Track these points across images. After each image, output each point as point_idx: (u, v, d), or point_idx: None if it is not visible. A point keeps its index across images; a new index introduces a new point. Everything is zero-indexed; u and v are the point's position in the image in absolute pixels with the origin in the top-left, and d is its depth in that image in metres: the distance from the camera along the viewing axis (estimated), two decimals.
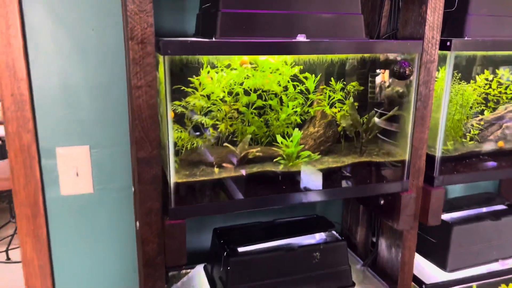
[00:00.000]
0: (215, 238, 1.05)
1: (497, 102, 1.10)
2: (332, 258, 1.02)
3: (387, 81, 0.98)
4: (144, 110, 0.75)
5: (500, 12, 1.00)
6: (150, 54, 0.73)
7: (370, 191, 0.94)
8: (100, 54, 0.98)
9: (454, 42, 0.91)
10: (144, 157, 0.77)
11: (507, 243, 1.17)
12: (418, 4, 0.90)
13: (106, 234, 1.09)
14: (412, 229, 1.00)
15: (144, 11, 0.71)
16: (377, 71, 1.00)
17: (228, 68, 0.87)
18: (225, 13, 0.78)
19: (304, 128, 0.97)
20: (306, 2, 0.83)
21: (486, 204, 1.26)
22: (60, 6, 0.93)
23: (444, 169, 0.99)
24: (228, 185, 0.86)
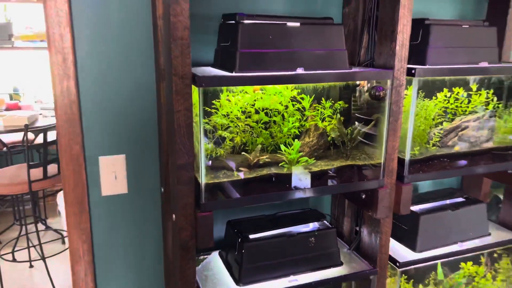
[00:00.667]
0: (229, 228, 1.28)
1: (454, 114, 1.36)
2: (324, 243, 1.26)
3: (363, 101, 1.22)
4: (182, 128, 0.98)
5: (454, 44, 1.27)
6: (188, 85, 0.96)
7: (354, 188, 1.19)
8: (135, 87, 1.20)
9: (418, 70, 1.16)
10: (182, 163, 0.99)
11: (464, 228, 1.44)
12: (389, 40, 1.16)
13: (136, 226, 1.31)
14: (387, 217, 1.25)
15: (183, 55, 0.94)
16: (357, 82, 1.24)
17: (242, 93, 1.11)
18: (242, 52, 1.02)
19: (301, 138, 1.21)
20: (303, 42, 1.07)
21: (449, 197, 1.52)
22: (103, 44, 1.15)
23: (412, 169, 1.24)
24: (244, 185, 1.09)
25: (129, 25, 1.17)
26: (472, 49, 1.29)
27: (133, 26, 1.17)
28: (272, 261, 1.20)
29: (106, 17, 1.14)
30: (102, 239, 1.28)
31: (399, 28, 1.12)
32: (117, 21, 1.15)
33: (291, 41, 1.06)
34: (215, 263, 1.30)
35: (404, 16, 1.12)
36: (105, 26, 1.14)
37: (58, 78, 1.11)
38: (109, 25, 1.15)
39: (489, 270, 1.53)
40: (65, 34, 1.09)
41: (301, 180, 1.13)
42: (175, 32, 0.92)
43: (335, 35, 1.12)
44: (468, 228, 1.45)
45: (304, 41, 1.08)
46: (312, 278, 1.21)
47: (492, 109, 1.37)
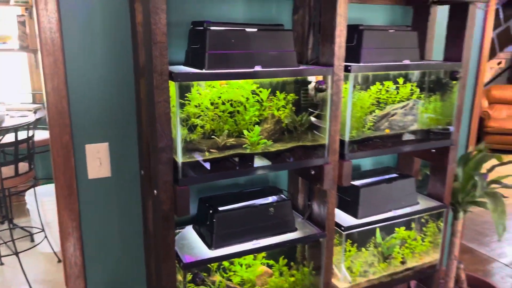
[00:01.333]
0: (201, 204, 1.50)
1: (385, 103, 1.64)
2: (281, 212, 1.51)
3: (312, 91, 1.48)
4: (162, 116, 1.18)
5: (382, 45, 1.55)
6: (166, 81, 1.17)
7: (304, 164, 1.44)
8: (116, 83, 1.39)
9: (353, 66, 1.43)
10: (162, 146, 1.20)
11: (397, 198, 1.73)
12: (330, 43, 1.41)
13: (119, 205, 1.50)
14: (332, 189, 1.51)
15: (162, 55, 1.15)
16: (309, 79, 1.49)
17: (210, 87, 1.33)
18: (210, 53, 1.24)
19: (261, 125, 1.44)
20: (260, 44, 1.31)
21: (384, 174, 1.81)
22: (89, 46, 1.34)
23: (351, 148, 1.51)
24: (215, 163, 1.31)
25: (111, 30, 1.36)
26: (397, 50, 1.58)
27: (115, 31, 1.36)
28: (238, 229, 1.43)
29: (91, 24, 1.32)
30: (89, 218, 1.46)
31: (337, 33, 1.38)
32: (100, 27, 1.34)
33: (250, 43, 1.29)
34: (189, 234, 1.51)
35: (341, 23, 1.38)
36: (90, 31, 1.33)
37: (49, 77, 1.28)
38: (93, 31, 1.33)
39: (418, 234, 1.83)
40: (55, 38, 1.26)
41: (261, 159, 1.36)
42: (155, 37, 1.12)
43: (286, 39, 1.36)
44: (400, 198, 1.74)
45: (260, 44, 1.31)
46: (273, 241, 1.45)
47: (415, 99, 1.67)
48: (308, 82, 1.46)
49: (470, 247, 3.30)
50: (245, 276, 1.53)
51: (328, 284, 1.61)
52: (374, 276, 1.73)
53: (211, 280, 1.49)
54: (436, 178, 1.87)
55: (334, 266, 1.64)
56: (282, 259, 1.58)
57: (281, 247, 1.46)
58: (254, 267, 1.54)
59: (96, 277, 1.51)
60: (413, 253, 1.83)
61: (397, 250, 1.77)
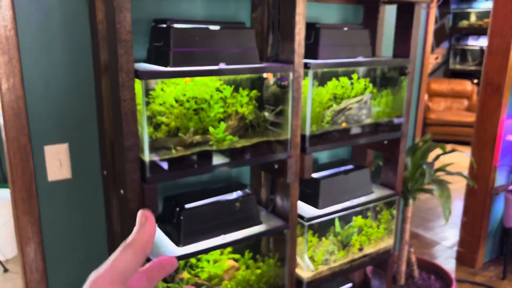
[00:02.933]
0: (166, 202, 1.50)
1: (342, 98, 1.72)
2: (246, 207, 1.54)
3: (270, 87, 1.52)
4: (128, 114, 1.17)
5: (338, 43, 1.62)
6: (132, 79, 1.16)
7: (269, 159, 1.48)
8: (75, 81, 1.36)
9: (312, 64, 1.49)
10: (129, 145, 1.19)
11: (353, 189, 1.82)
12: (289, 40, 1.46)
13: (81, 207, 1.46)
14: (295, 181, 1.57)
15: (127, 54, 1.14)
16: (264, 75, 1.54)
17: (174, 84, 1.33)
18: (175, 51, 1.24)
19: (225, 121, 1.47)
20: (223, 42, 1.33)
21: (341, 165, 1.90)
22: (46, 44, 1.29)
23: (311, 142, 1.58)
24: (181, 161, 1.32)
25: (69, 28, 1.32)
26: (352, 47, 1.66)
27: (73, 29, 1.32)
28: (205, 225, 1.44)
29: (48, 21, 1.28)
30: (49, 221, 1.41)
31: (297, 31, 1.43)
32: (58, 24, 1.30)
33: (214, 41, 1.31)
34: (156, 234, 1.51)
35: (300, 21, 1.43)
36: (47, 28, 1.28)
37: (4, 77, 1.23)
38: (51, 28, 1.29)
39: (374, 221, 1.94)
40: (10, 36, 1.21)
41: (227, 155, 1.39)
42: (120, 36, 1.11)
43: (248, 36, 1.39)
44: (356, 188, 1.84)
45: (224, 42, 1.33)
46: (239, 236, 1.48)
47: (368, 93, 1.76)
48: (265, 79, 1.50)
49: (417, 232, 3.52)
50: (213, 272, 1.55)
51: (292, 274, 1.66)
52: (335, 264, 1.81)
53: (179, 277, 1.49)
54: (388, 168, 1.98)
55: (298, 256, 1.71)
56: (248, 253, 1.61)
57: (247, 240, 1.49)
58: (221, 262, 1.56)
59: (58, 282, 1.46)
60: (369, 240, 1.93)
61: (355, 238, 1.87)
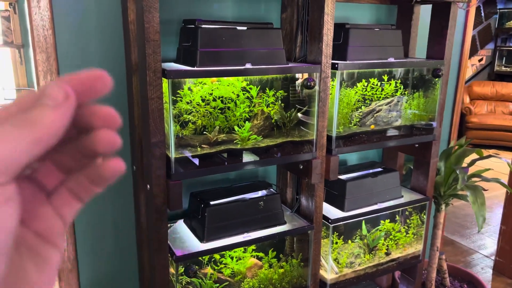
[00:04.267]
0: (192, 198, 1.53)
1: (371, 100, 1.70)
2: (270, 205, 1.55)
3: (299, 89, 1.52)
4: (155, 112, 1.21)
5: (368, 43, 1.60)
6: (159, 78, 1.20)
7: (293, 159, 1.48)
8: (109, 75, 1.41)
9: (340, 64, 1.48)
10: (155, 141, 1.23)
11: (381, 192, 1.79)
12: (317, 41, 1.46)
13: (112, 199, 1.52)
14: (320, 183, 1.56)
15: (155, 53, 1.18)
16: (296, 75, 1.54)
17: (201, 84, 1.36)
18: (202, 51, 1.27)
19: (251, 121, 1.48)
20: (250, 42, 1.34)
21: (370, 168, 1.87)
22: (82, 43, 1.36)
23: (338, 144, 1.56)
24: (206, 158, 1.35)
25: (103, 28, 1.37)
26: (382, 48, 1.63)
27: (107, 29, 1.38)
28: (228, 222, 1.47)
29: (84, 22, 1.34)
30: (81, 212, 1.48)
31: (324, 31, 1.43)
32: (93, 25, 1.36)
33: (241, 41, 1.33)
34: (181, 228, 1.55)
35: (328, 22, 1.43)
36: (83, 29, 1.34)
37: (42, 74, 1.30)
38: (86, 28, 1.35)
39: (402, 226, 1.90)
40: (48, 36, 1.28)
41: (252, 154, 1.40)
42: (148, 35, 1.15)
43: (275, 37, 1.40)
44: (385, 192, 1.80)
45: (251, 42, 1.35)
46: (262, 234, 1.50)
47: (399, 95, 1.72)
48: (296, 79, 1.50)
49: (452, 239, 3.41)
50: (236, 268, 1.57)
51: (316, 275, 1.66)
52: (360, 267, 1.79)
53: (202, 272, 1.53)
54: (419, 172, 1.93)
55: (322, 257, 1.70)
56: (271, 252, 1.62)
57: (270, 239, 1.50)
58: (244, 260, 1.58)
59: (89, 271, 1.53)
60: (397, 245, 1.89)
61: (382, 242, 1.84)
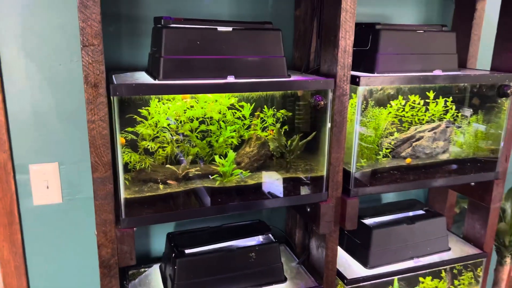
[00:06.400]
0: (167, 241, 1.22)
1: (410, 123, 1.29)
2: (266, 258, 1.20)
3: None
4: (97, 139, 0.92)
5: (406, 50, 1.20)
6: (102, 95, 0.90)
7: (294, 202, 1.13)
8: (67, 84, 1.15)
9: (362, 78, 1.10)
10: (98, 177, 0.94)
11: (421, 243, 1.37)
12: (332, 46, 1.09)
13: (72, 237, 1.26)
14: (333, 232, 1.19)
15: (96, 61, 0.88)
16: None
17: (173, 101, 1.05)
18: (166, 59, 0.96)
19: (242, 147, 1.15)
20: (236, 48, 1.01)
21: (408, 209, 1.46)
22: (31, 45, 1.10)
23: (359, 182, 1.18)
24: (171, 199, 1.03)
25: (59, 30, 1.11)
26: (427, 56, 1.22)
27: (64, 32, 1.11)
28: (208, 278, 1.14)
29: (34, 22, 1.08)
30: (36, 251, 1.23)
31: (341, 34, 1.06)
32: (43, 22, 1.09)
33: (222, 47, 1.00)
34: (153, 277, 1.25)
35: (346, 21, 1.05)
36: (34, 31, 1.08)
37: None
38: (38, 29, 1.09)
39: (449, 286, 1.46)
40: None
41: (234, 194, 1.07)
42: (85, 38, 0.86)
43: (273, 41, 1.05)
44: (426, 243, 1.38)
45: (237, 47, 1.01)
46: None
47: (449, 119, 1.30)
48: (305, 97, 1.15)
49: None
50: None
51: None
52: None
53: None
54: (475, 218, 1.48)
55: None
56: None
57: None
58: None
59: None
60: None
61: None
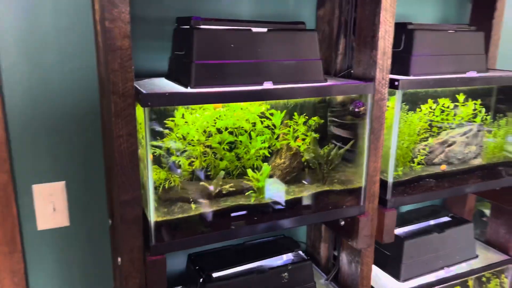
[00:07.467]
0: (190, 264, 1.11)
1: (440, 128, 1.23)
2: (299, 277, 1.11)
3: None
4: (125, 156, 0.80)
5: (439, 51, 1.14)
6: (131, 105, 0.79)
7: (331, 217, 1.04)
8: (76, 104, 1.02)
9: (402, 81, 1.03)
10: (126, 199, 0.82)
11: (450, 252, 1.31)
12: (369, 48, 1.01)
13: (81, 264, 1.13)
14: (369, 246, 1.11)
15: (124, 68, 0.77)
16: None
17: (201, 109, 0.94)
18: (198, 64, 0.85)
19: (272, 160, 1.05)
20: (271, 52, 0.91)
21: (433, 217, 1.40)
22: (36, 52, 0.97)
23: (396, 192, 1.11)
24: (204, 220, 0.93)
25: (67, 32, 0.98)
26: (459, 57, 1.17)
27: (72, 34, 0.99)
28: None
29: (37, 23, 0.95)
30: (40, 282, 1.09)
31: (380, 34, 0.98)
32: (51, 27, 0.97)
33: (257, 50, 0.90)
34: None
35: (387, 20, 0.98)
36: (37, 33, 0.95)
37: None
38: (41, 32, 0.96)
39: None
40: None
41: (271, 211, 0.97)
42: (112, 41, 0.75)
43: (309, 42, 0.97)
44: (455, 251, 1.33)
45: (272, 50, 0.92)
46: None
47: (480, 122, 1.25)
48: (340, 102, 1.06)
49: None
50: None
51: None
52: None
53: None
54: (499, 223, 1.45)
55: None
56: None
57: None
58: None
59: None
60: None
61: None
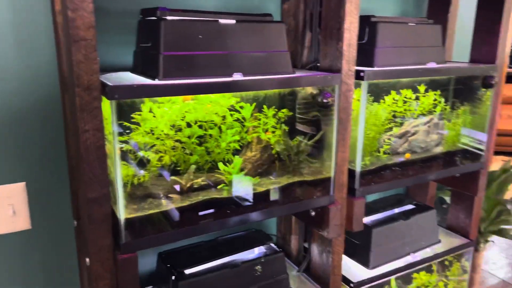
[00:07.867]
0: (160, 262, 1.09)
1: (403, 118, 1.27)
2: (272, 269, 1.11)
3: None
4: (92, 152, 0.77)
5: (401, 43, 1.17)
6: (97, 99, 0.75)
7: (302, 207, 1.05)
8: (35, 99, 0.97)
9: (367, 72, 1.05)
10: (94, 197, 0.79)
11: (415, 238, 1.36)
12: (335, 40, 1.03)
13: (45, 270, 1.07)
14: (340, 236, 1.13)
15: (89, 59, 0.73)
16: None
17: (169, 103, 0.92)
18: (166, 55, 0.83)
19: (242, 153, 1.05)
20: (240, 43, 0.91)
21: (398, 205, 1.44)
22: None
23: (363, 181, 1.13)
24: (176, 215, 0.91)
25: (24, 27, 0.93)
26: (420, 49, 1.21)
27: (30, 27, 0.94)
28: None
29: None
30: None
31: (346, 26, 1.00)
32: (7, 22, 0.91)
33: (226, 41, 0.89)
34: None
35: (352, 12, 1.00)
36: None
37: None
38: None
39: (441, 278, 1.47)
40: None
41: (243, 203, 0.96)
42: (75, 31, 0.71)
43: (276, 34, 0.97)
44: (419, 237, 1.38)
45: (241, 42, 0.91)
46: None
47: (439, 112, 1.30)
48: (308, 94, 1.07)
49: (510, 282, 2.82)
50: None
51: None
52: None
53: None
54: (459, 208, 1.51)
55: None
56: None
57: None
58: None
59: None
60: None
61: None
